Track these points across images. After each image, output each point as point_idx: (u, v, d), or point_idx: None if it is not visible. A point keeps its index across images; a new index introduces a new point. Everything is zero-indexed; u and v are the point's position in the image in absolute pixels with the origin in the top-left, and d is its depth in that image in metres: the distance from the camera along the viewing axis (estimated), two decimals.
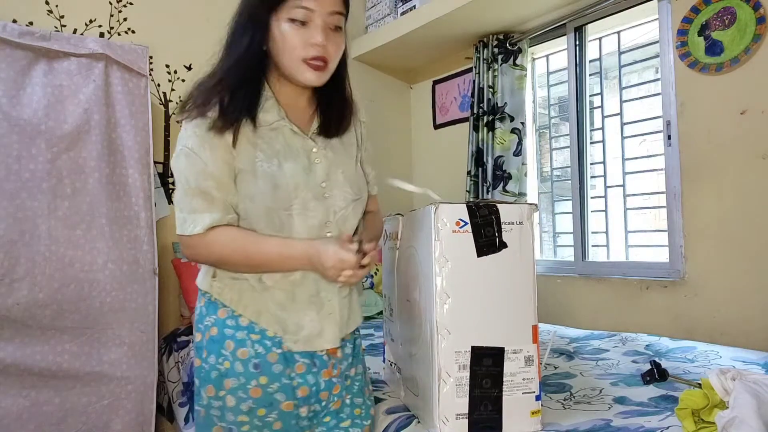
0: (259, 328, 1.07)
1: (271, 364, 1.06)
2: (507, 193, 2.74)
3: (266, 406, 1.06)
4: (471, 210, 1.14)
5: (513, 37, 2.79)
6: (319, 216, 1.08)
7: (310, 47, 1.03)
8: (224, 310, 1.09)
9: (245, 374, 1.05)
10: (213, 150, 1.03)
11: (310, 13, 1.01)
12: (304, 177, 1.06)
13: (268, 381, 1.06)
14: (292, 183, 1.05)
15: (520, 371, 1.13)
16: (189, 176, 1.04)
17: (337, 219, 1.11)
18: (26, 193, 1.89)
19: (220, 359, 1.06)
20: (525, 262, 1.15)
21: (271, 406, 1.06)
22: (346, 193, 1.12)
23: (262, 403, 1.06)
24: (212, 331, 1.09)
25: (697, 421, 1.07)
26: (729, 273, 2.07)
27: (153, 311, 2.11)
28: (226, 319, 1.08)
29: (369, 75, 3.39)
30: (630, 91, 2.58)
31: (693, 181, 2.17)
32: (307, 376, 1.10)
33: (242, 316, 1.07)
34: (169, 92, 2.61)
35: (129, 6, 2.50)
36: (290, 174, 1.05)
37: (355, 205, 1.15)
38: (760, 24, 1.97)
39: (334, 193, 1.10)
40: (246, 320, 1.07)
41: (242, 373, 1.05)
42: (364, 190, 1.19)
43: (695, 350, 1.79)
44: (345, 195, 1.12)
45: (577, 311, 2.58)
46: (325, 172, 1.10)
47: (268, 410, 1.06)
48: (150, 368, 2.08)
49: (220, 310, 1.09)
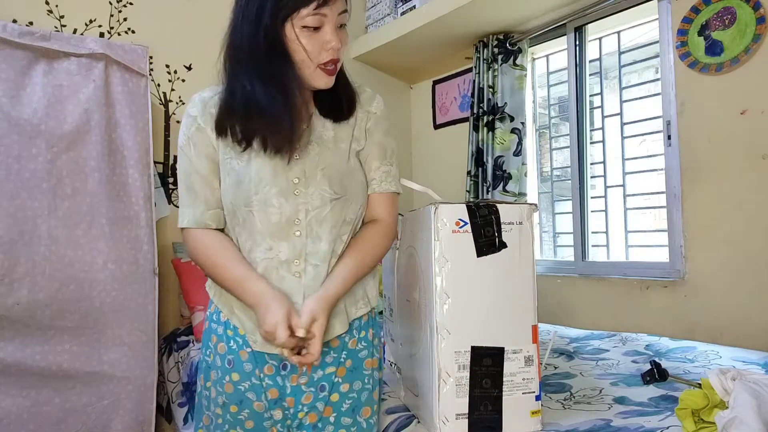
0: (233, 325, 1.09)
1: (242, 362, 1.07)
2: (507, 193, 2.74)
3: (237, 404, 1.07)
4: (471, 210, 1.14)
5: (513, 37, 2.79)
6: (286, 213, 1.03)
7: (326, 52, 1.00)
8: (214, 304, 1.14)
9: (222, 369, 1.08)
10: (196, 146, 1.06)
11: (324, 18, 0.98)
12: (272, 173, 1.02)
13: (240, 379, 1.07)
14: (255, 179, 1.02)
15: (520, 371, 1.13)
16: (180, 173, 1.09)
17: (310, 219, 1.04)
18: (26, 193, 1.89)
19: (208, 351, 1.12)
20: (525, 262, 1.15)
21: (242, 404, 1.07)
22: (323, 191, 1.04)
23: (234, 399, 1.07)
24: (206, 323, 1.15)
25: (697, 421, 1.07)
26: (729, 273, 2.07)
27: (153, 311, 2.11)
28: (213, 313, 1.14)
29: (369, 75, 3.39)
30: (630, 91, 2.58)
31: (693, 181, 2.17)
32: (276, 377, 1.08)
33: (222, 312, 1.11)
34: (169, 92, 2.61)
35: (129, 6, 2.49)
36: (255, 170, 1.02)
37: (336, 205, 1.05)
38: (760, 24, 1.97)
39: (310, 191, 1.04)
40: (225, 316, 1.10)
41: (220, 367, 1.09)
42: (352, 189, 1.08)
43: (695, 350, 1.79)
44: (322, 193, 1.04)
45: (577, 311, 2.58)
46: (302, 168, 1.04)
47: (239, 408, 1.07)
48: (150, 368, 2.08)
49: (212, 304, 1.15)
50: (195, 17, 2.67)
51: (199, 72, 2.68)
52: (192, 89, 2.66)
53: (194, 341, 2.22)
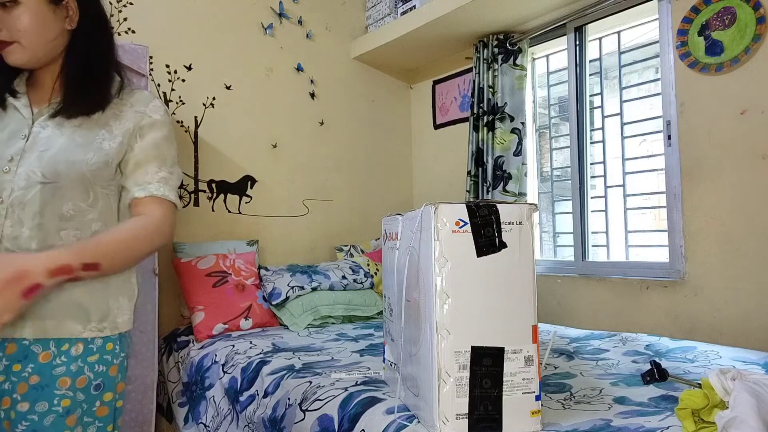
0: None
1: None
2: (507, 193, 2.74)
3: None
4: (471, 210, 1.14)
5: (513, 37, 2.79)
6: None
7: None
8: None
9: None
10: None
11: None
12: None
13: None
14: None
15: (520, 371, 1.13)
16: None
17: (12, 200, 1.00)
18: None
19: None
20: (525, 262, 1.15)
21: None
22: (31, 173, 1.00)
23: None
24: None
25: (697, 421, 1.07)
26: (729, 273, 2.07)
27: (153, 311, 2.11)
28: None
29: (369, 75, 3.39)
30: (630, 91, 2.58)
31: (693, 181, 2.17)
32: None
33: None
34: (169, 92, 2.61)
35: (129, 6, 2.49)
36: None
37: (46, 189, 1.00)
38: (760, 24, 1.97)
39: (19, 172, 1.00)
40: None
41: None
42: (72, 177, 1.02)
43: (695, 350, 1.78)
44: (30, 175, 1.00)
45: (577, 311, 2.58)
46: (21, 148, 1.02)
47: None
48: (150, 368, 2.08)
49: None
50: (195, 17, 2.67)
51: (199, 72, 2.68)
52: (192, 89, 2.66)
53: (194, 341, 2.22)
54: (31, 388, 1.00)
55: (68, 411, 1.01)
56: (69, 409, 1.01)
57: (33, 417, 0.99)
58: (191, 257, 2.43)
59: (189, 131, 2.67)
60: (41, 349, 1.01)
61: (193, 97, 2.68)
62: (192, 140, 2.67)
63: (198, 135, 2.68)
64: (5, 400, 1.00)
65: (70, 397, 1.01)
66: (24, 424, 0.98)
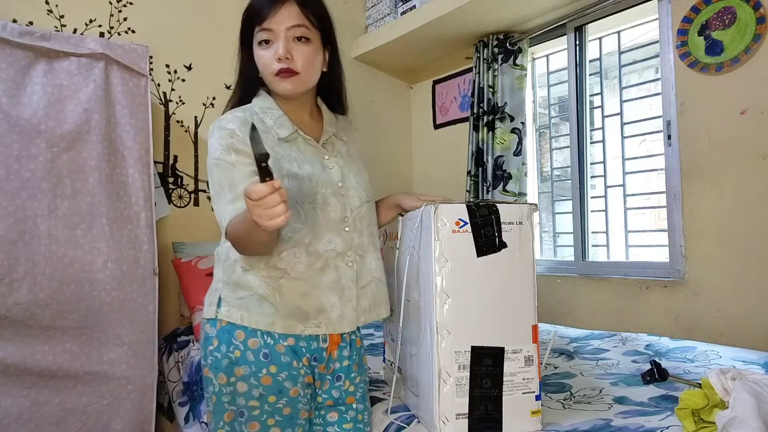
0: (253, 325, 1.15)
1: (279, 354, 1.13)
2: (507, 193, 2.74)
3: (276, 393, 1.13)
4: (471, 210, 1.14)
5: (513, 36, 2.79)
6: (338, 211, 1.17)
7: (275, 62, 1.14)
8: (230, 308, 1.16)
9: (256, 363, 1.12)
10: (238, 152, 1.12)
11: (272, 33, 1.15)
12: (323, 177, 1.17)
13: (277, 370, 1.13)
14: (314, 180, 1.15)
15: (520, 371, 1.13)
16: (222, 178, 1.12)
17: (354, 216, 1.20)
18: (26, 193, 1.89)
19: (231, 348, 1.13)
20: (525, 262, 1.15)
21: (281, 393, 1.13)
22: (360, 194, 1.23)
23: (272, 390, 1.13)
24: (223, 322, 1.15)
25: (697, 421, 1.07)
26: (729, 273, 2.07)
27: (153, 311, 2.11)
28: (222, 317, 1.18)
29: (369, 75, 3.39)
30: (630, 91, 2.58)
31: (693, 181, 2.17)
32: (310, 366, 1.18)
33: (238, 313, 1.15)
34: (169, 92, 2.61)
35: (129, 6, 2.49)
36: (308, 174, 1.15)
37: (368, 206, 1.25)
38: (760, 24, 1.97)
39: (350, 193, 1.21)
40: (243, 319, 1.15)
41: (253, 362, 1.12)
42: (372, 194, 1.28)
43: (695, 350, 1.79)
44: (359, 195, 1.22)
45: (577, 311, 2.58)
46: (340, 175, 1.21)
47: (278, 397, 1.13)
48: (150, 368, 2.08)
49: (226, 306, 1.16)
50: (195, 17, 2.67)
51: (199, 72, 2.68)
52: (192, 89, 2.66)
53: (194, 341, 2.22)
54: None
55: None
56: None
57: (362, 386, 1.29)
58: (191, 257, 2.42)
59: (189, 131, 2.67)
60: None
61: (193, 97, 2.67)
62: (192, 140, 2.67)
63: (198, 135, 2.68)
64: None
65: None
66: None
